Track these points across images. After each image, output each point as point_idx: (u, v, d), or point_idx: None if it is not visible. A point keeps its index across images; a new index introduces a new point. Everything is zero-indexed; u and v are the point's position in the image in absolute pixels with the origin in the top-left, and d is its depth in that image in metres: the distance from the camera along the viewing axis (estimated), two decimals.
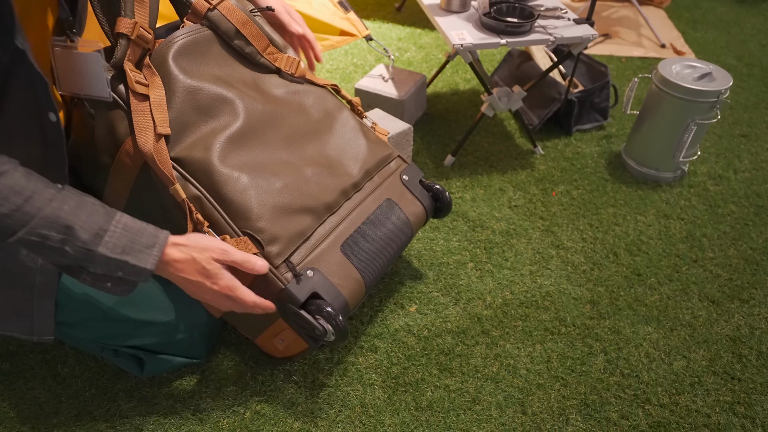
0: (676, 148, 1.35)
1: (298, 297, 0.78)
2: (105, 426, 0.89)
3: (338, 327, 0.78)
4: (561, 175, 1.44)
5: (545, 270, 1.17)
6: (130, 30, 0.75)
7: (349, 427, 0.90)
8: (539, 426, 0.90)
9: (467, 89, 1.79)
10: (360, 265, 0.87)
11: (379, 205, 0.94)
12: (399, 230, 0.95)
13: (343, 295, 0.83)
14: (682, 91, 1.26)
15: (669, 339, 1.04)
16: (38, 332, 0.79)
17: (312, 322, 0.78)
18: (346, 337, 0.81)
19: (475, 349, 1.02)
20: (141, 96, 0.77)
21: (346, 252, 0.86)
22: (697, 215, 1.32)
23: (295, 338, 0.90)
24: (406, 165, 1.03)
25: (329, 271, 0.83)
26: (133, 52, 0.77)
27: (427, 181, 1.05)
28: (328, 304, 0.79)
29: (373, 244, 0.90)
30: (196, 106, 0.82)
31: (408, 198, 0.99)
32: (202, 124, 0.82)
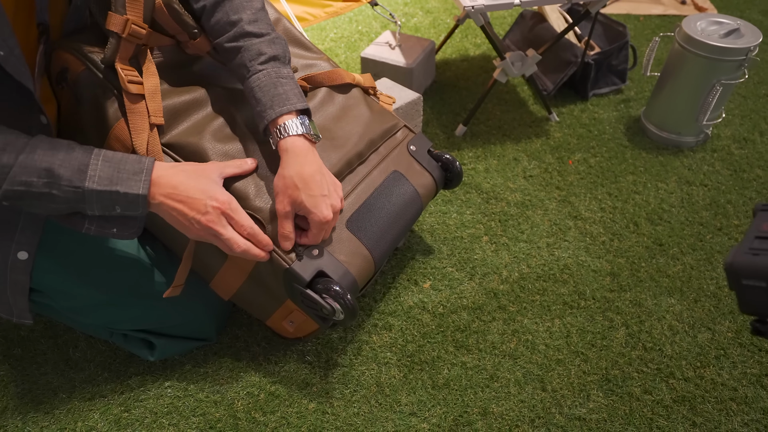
0: (699, 111, 1.28)
1: (303, 276, 0.76)
2: (119, 410, 0.88)
3: (347, 305, 0.76)
4: (577, 142, 1.38)
5: (563, 242, 1.14)
6: (120, 28, 0.71)
7: (365, 406, 0.88)
8: (559, 402, 0.88)
9: (478, 55, 1.72)
10: (367, 242, 0.84)
11: (385, 178, 0.90)
12: (408, 203, 0.91)
13: (351, 273, 0.80)
14: (708, 50, 1.19)
15: (693, 311, 1.00)
16: (17, 316, 0.79)
17: (319, 301, 0.75)
18: (356, 315, 0.78)
19: (492, 325, 0.99)
20: (135, 96, 0.74)
21: (352, 228, 0.83)
22: (721, 181, 1.27)
23: (305, 319, 0.88)
24: (413, 135, 0.99)
25: (335, 249, 0.81)
26: (125, 49, 0.73)
27: (436, 151, 1.00)
28: (336, 282, 0.77)
29: (381, 218, 0.87)
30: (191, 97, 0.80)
31: (416, 169, 0.95)
32: (194, 112, 0.80)
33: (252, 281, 0.84)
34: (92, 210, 0.66)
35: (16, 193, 0.62)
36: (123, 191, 0.65)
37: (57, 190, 0.62)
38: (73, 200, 0.63)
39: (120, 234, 0.70)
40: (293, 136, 0.72)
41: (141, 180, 0.66)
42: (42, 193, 0.62)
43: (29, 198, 0.62)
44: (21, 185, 0.61)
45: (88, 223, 0.68)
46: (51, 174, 0.62)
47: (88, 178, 0.63)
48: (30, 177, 0.61)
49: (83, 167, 0.63)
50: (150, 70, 0.75)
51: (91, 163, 0.64)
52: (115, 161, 0.65)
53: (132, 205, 0.66)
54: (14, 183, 0.61)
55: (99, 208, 0.66)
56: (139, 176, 0.66)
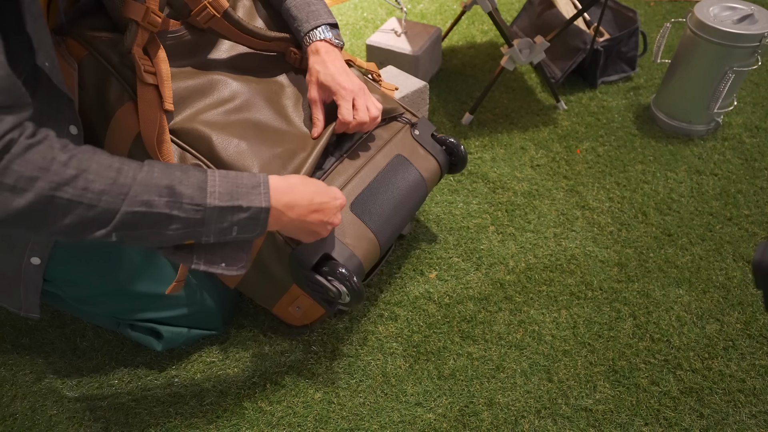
0: (710, 99, 1.26)
1: (308, 259, 0.76)
2: (127, 399, 0.89)
3: (353, 288, 0.76)
4: (586, 131, 1.36)
5: (570, 232, 1.13)
6: (140, 16, 0.70)
7: (371, 396, 0.88)
8: (565, 393, 0.88)
9: (485, 42, 1.69)
10: (372, 224, 0.84)
11: (389, 162, 0.90)
12: (412, 187, 0.91)
13: (357, 256, 0.80)
14: (721, 36, 1.16)
15: (701, 302, 1.00)
16: (25, 310, 0.79)
17: (325, 284, 0.75)
18: (362, 298, 0.78)
19: (498, 315, 0.99)
20: (149, 86, 0.73)
21: (356, 211, 0.83)
22: (731, 170, 1.25)
23: (311, 304, 0.88)
24: (417, 120, 0.98)
25: (340, 232, 0.81)
26: (141, 37, 0.73)
27: (440, 135, 1.00)
28: (341, 265, 0.77)
29: (385, 201, 0.86)
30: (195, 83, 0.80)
31: (420, 153, 0.94)
32: (199, 98, 0.79)
33: (257, 267, 0.84)
34: (207, 235, 0.61)
35: (135, 217, 0.56)
36: (246, 205, 0.61)
37: (178, 210, 0.57)
38: (192, 223, 0.59)
39: (228, 269, 0.65)
40: (317, 41, 0.83)
41: (261, 193, 0.62)
42: (161, 216, 0.57)
43: (146, 224, 0.57)
44: (142, 206, 0.56)
45: (196, 257, 0.64)
46: (173, 192, 0.57)
47: (209, 194, 0.59)
48: (151, 196, 0.56)
49: (202, 184, 0.59)
50: (161, 57, 0.75)
51: (209, 179, 0.60)
52: (230, 177, 0.62)
53: (251, 222, 0.62)
54: (134, 203, 0.55)
55: (216, 231, 0.61)
56: (258, 189, 0.62)
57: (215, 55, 0.85)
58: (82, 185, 0.53)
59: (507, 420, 0.85)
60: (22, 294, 0.77)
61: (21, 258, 0.74)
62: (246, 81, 0.84)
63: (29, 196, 0.51)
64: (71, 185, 0.52)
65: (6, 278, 0.75)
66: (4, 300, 0.78)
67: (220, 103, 0.80)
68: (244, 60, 0.87)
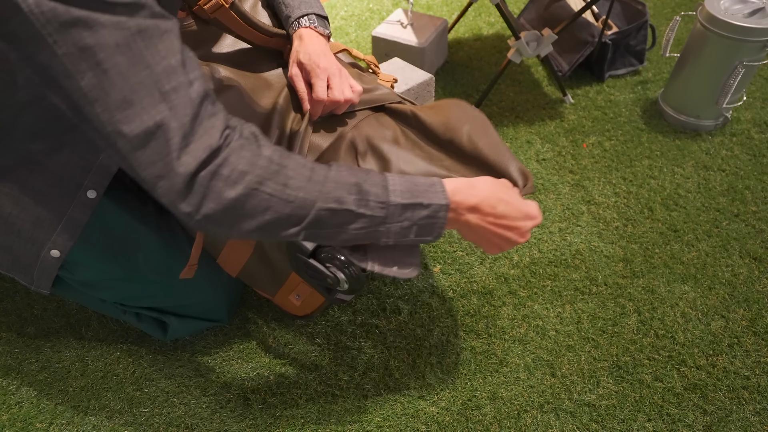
0: (719, 94, 1.25)
1: (306, 246, 0.76)
2: (132, 388, 0.90)
3: (351, 275, 0.76)
4: (592, 125, 1.35)
5: (575, 227, 1.12)
6: None
7: (374, 389, 0.89)
8: (569, 388, 0.88)
9: (491, 34, 1.68)
10: None
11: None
12: None
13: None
14: (731, 30, 1.15)
15: (707, 298, 0.99)
16: (36, 287, 0.80)
17: (323, 270, 0.75)
18: (361, 285, 0.78)
19: (502, 310, 0.98)
20: None
21: None
22: (739, 166, 1.24)
23: (311, 292, 0.88)
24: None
25: None
26: None
27: None
28: (339, 251, 0.76)
29: None
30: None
31: None
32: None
33: (257, 255, 0.84)
34: (387, 236, 0.62)
35: (326, 215, 0.58)
36: (426, 202, 0.62)
37: (365, 208, 0.59)
38: (376, 221, 0.60)
39: (400, 272, 0.67)
40: (303, 27, 0.84)
41: (438, 191, 0.63)
42: (349, 213, 0.59)
43: (332, 224, 0.59)
44: (334, 202, 0.58)
45: (371, 258, 0.66)
46: (360, 190, 0.59)
47: (391, 192, 0.61)
48: (342, 192, 0.58)
49: (384, 183, 0.61)
50: None
51: (389, 179, 0.62)
52: (407, 177, 0.63)
53: (431, 221, 0.63)
54: (328, 200, 0.58)
55: (395, 231, 0.62)
56: (435, 188, 0.63)
57: (218, 48, 0.85)
58: (283, 181, 0.55)
59: (510, 414, 0.85)
60: (35, 276, 0.78)
61: (41, 249, 0.75)
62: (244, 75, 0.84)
63: (239, 188, 0.53)
64: (273, 180, 0.55)
65: (21, 263, 0.76)
66: (15, 275, 0.79)
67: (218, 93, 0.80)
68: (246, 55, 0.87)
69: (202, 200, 0.53)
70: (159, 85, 0.50)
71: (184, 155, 0.51)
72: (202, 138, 0.52)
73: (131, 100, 0.49)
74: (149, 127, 0.50)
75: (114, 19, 0.47)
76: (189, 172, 0.51)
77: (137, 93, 0.49)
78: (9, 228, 0.73)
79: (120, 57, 0.48)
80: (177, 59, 0.51)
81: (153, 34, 0.50)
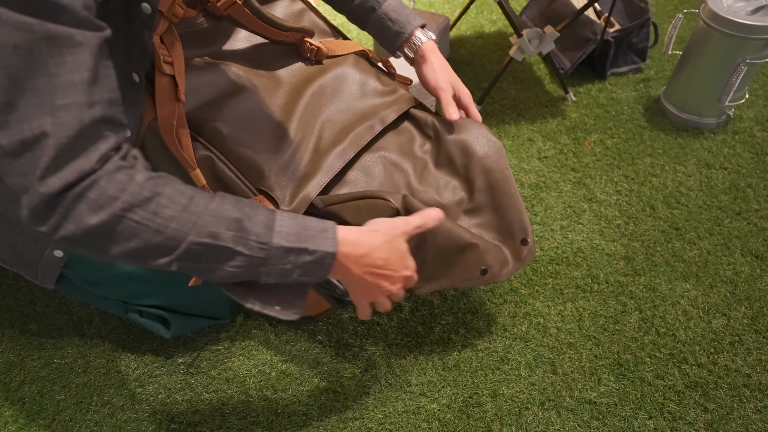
0: (722, 91, 1.25)
1: None
2: (134, 385, 0.90)
3: None
4: (594, 123, 1.35)
5: (577, 225, 1.12)
6: (166, 6, 0.70)
7: (375, 386, 0.89)
8: (570, 386, 0.88)
9: (493, 31, 1.68)
10: None
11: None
12: None
13: None
14: (734, 27, 1.15)
15: (708, 296, 0.99)
16: (41, 281, 0.80)
17: (333, 282, 0.75)
18: None
19: (503, 307, 0.99)
20: (166, 76, 0.73)
21: None
22: (741, 164, 1.23)
23: (317, 297, 0.89)
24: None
25: None
26: (162, 27, 0.73)
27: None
28: None
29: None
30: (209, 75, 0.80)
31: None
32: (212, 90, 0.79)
33: None
34: (268, 275, 0.59)
35: (200, 249, 0.55)
36: (312, 248, 0.59)
37: (243, 246, 0.56)
38: (255, 261, 0.57)
39: (283, 313, 0.64)
40: (430, 41, 0.87)
41: (328, 238, 0.60)
42: (226, 250, 0.55)
43: (209, 257, 0.56)
44: (209, 237, 0.54)
45: (252, 296, 0.63)
46: (241, 227, 0.56)
47: (276, 233, 0.57)
48: (219, 228, 0.55)
49: (270, 222, 0.58)
50: (178, 49, 0.75)
51: (277, 219, 0.58)
52: (299, 219, 0.60)
53: (315, 267, 0.60)
54: (203, 234, 0.54)
55: (276, 272, 0.59)
56: (326, 234, 0.60)
57: (231, 45, 0.84)
58: (153, 209, 0.52)
59: (511, 411, 0.85)
60: (39, 272, 0.78)
61: (44, 249, 0.75)
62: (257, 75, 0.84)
63: (103, 214, 0.50)
64: (142, 207, 0.52)
65: (26, 259, 0.77)
66: (20, 270, 0.79)
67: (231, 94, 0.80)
68: (259, 53, 0.86)
69: (61, 221, 0.50)
70: (53, 97, 0.47)
71: (50, 175, 0.48)
72: (77, 161, 0.49)
73: (15, 104, 0.47)
74: (26, 137, 0.47)
75: (20, 19, 0.45)
76: (50, 193, 0.48)
77: (26, 99, 0.47)
78: (13, 227, 0.74)
79: (15, 59, 0.46)
80: (83, 76, 0.49)
81: (63, 44, 0.47)
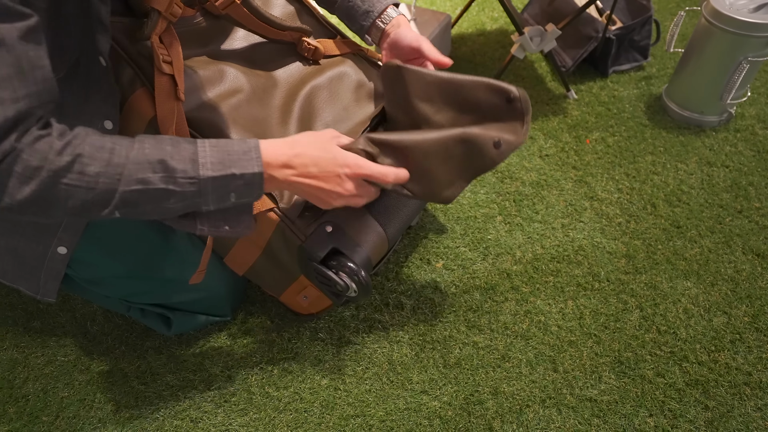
0: (724, 89, 1.24)
1: (317, 253, 0.76)
2: (137, 382, 0.90)
3: (360, 282, 0.76)
4: (596, 121, 1.35)
5: (578, 223, 1.12)
6: (164, 6, 0.70)
7: (377, 383, 0.89)
8: (571, 383, 0.88)
9: (494, 29, 1.67)
10: (381, 219, 0.84)
11: None
12: None
13: (365, 250, 0.80)
14: (736, 25, 1.14)
15: (709, 294, 0.99)
16: (42, 294, 0.80)
17: (333, 277, 0.76)
18: (369, 292, 0.79)
19: (505, 305, 0.99)
20: (165, 75, 0.73)
21: (366, 205, 0.83)
22: (743, 162, 1.23)
23: (318, 294, 0.89)
24: None
25: (349, 226, 0.81)
26: (161, 26, 0.73)
27: None
28: (350, 259, 0.77)
29: (394, 196, 0.86)
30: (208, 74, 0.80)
31: None
32: (211, 89, 0.80)
33: (266, 257, 0.85)
34: (207, 204, 0.62)
35: (134, 195, 0.58)
36: (239, 173, 0.61)
37: (173, 184, 0.59)
38: (189, 195, 0.60)
39: (233, 231, 0.67)
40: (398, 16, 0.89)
41: (252, 158, 0.62)
42: (159, 191, 0.58)
43: (146, 200, 0.58)
44: (138, 184, 0.57)
45: (200, 223, 0.65)
46: (166, 167, 0.58)
47: (201, 165, 0.60)
48: (146, 173, 0.57)
49: (194, 156, 0.60)
50: (177, 48, 0.75)
51: (199, 150, 0.61)
52: (221, 146, 0.62)
53: (248, 188, 0.63)
54: (131, 182, 0.57)
55: (214, 200, 0.62)
56: (249, 155, 0.62)
57: (229, 45, 0.85)
58: (79, 170, 0.55)
59: (512, 409, 0.86)
60: (42, 280, 0.78)
61: (47, 247, 0.75)
62: (255, 75, 0.84)
63: (33, 185, 0.54)
64: (68, 170, 0.55)
65: (27, 265, 0.76)
66: (21, 284, 0.79)
67: (230, 94, 0.80)
68: (257, 52, 0.87)
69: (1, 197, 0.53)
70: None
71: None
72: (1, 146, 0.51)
73: None
74: None
75: None
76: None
77: None
78: (13, 228, 0.74)
79: None
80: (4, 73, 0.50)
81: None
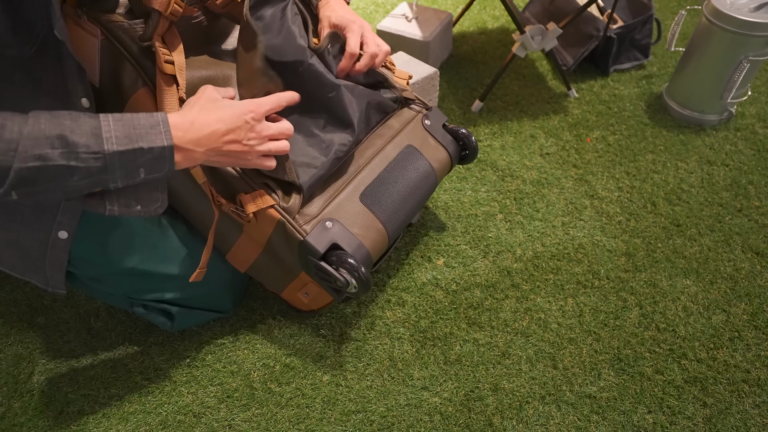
0: (724, 88, 1.25)
1: (317, 248, 0.77)
2: (140, 378, 0.91)
3: (360, 278, 0.77)
4: (596, 119, 1.35)
5: (578, 221, 1.13)
6: (164, 7, 0.70)
7: (378, 380, 0.90)
8: (570, 380, 0.89)
9: (496, 28, 1.68)
10: (381, 215, 0.84)
11: (399, 152, 0.90)
12: (422, 178, 0.91)
13: (365, 246, 0.81)
14: (737, 24, 1.15)
15: (708, 292, 1.00)
16: (52, 287, 0.80)
17: (333, 273, 0.76)
18: (369, 288, 0.79)
19: (505, 302, 1.00)
20: (167, 76, 0.73)
21: (366, 202, 0.84)
22: (743, 161, 1.24)
23: (319, 291, 0.90)
24: (428, 110, 0.98)
25: (349, 222, 0.81)
26: (162, 26, 0.73)
27: (452, 125, 1.00)
28: (350, 255, 0.78)
29: (395, 192, 0.87)
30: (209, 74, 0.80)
31: (431, 144, 0.95)
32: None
33: (267, 253, 0.85)
34: (115, 181, 0.59)
35: (31, 172, 0.54)
36: (147, 146, 0.59)
37: (75, 160, 0.55)
38: (95, 171, 0.57)
39: (145, 210, 0.66)
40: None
41: (161, 131, 0.60)
42: (59, 167, 0.55)
43: (45, 178, 0.55)
44: (36, 160, 0.54)
45: (109, 203, 0.63)
46: (65, 142, 0.55)
47: (105, 140, 0.57)
48: (43, 149, 0.54)
49: (96, 131, 0.57)
50: (179, 48, 0.75)
51: (103, 125, 0.58)
52: (126, 120, 0.59)
53: (158, 162, 0.60)
54: (27, 159, 0.53)
55: (123, 176, 0.59)
56: (157, 128, 0.60)
57: (229, 44, 0.85)
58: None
59: (511, 405, 0.87)
60: (47, 270, 0.79)
61: (48, 233, 0.74)
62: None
63: None
64: None
65: (31, 257, 0.77)
66: (31, 276, 0.80)
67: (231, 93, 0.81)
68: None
69: None
70: None
71: None
72: None
73: None
74: None
75: None
76: None
77: None
78: (11, 217, 0.73)
79: None
80: None
81: None
